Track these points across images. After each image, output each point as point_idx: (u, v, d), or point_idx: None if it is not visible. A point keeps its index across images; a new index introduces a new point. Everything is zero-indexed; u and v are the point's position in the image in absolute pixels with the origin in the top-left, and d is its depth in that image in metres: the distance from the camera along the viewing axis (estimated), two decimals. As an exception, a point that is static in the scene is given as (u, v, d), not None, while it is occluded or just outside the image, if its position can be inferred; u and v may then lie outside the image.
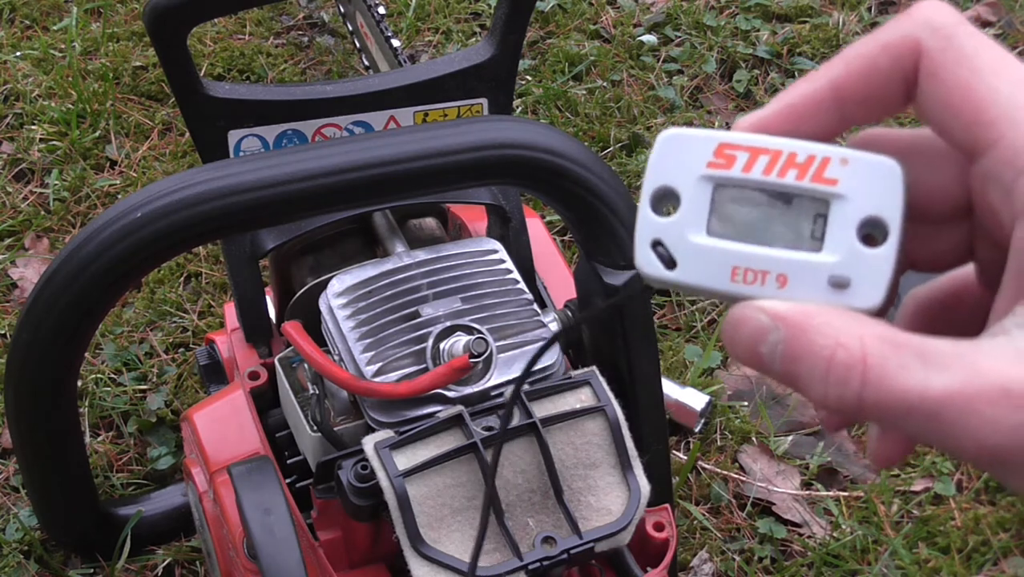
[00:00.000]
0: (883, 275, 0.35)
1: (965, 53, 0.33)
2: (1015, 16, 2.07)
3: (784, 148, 0.36)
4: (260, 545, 0.86)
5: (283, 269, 1.05)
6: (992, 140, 0.32)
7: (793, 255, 0.36)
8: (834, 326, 0.33)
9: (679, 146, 0.37)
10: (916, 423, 0.32)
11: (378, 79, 1.02)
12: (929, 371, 0.31)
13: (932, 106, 0.34)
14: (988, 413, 0.31)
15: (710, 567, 1.31)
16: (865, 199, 0.35)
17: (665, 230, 0.37)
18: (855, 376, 0.32)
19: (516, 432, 0.85)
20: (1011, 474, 0.32)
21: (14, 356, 0.93)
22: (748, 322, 0.34)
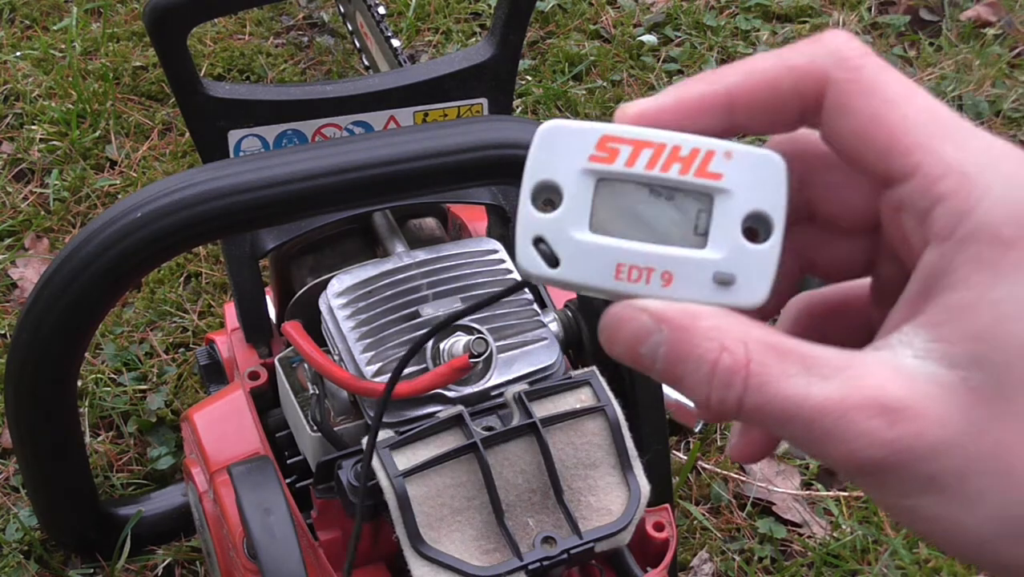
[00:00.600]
0: (768, 271, 0.35)
1: (875, 84, 0.33)
2: (1015, 16, 2.07)
3: (668, 141, 0.35)
4: (260, 545, 0.86)
5: (283, 269, 1.05)
6: (908, 169, 0.33)
7: (678, 252, 0.35)
8: (720, 329, 0.33)
9: (560, 139, 0.35)
10: (794, 430, 0.32)
11: (378, 79, 1.02)
12: (810, 379, 0.32)
13: (843, 136, 0.34)
14: (863, 426, 0.31)
15: (710, 567, 1.31)
16: (749, 194, 0.35)
17: (547, 226, 0.35)
18: (738, 381, 0.32)
19: (516, 432, 0.85)
20: (880, 488, 0.33)
21: (14, 356, 0.93)
22: (629, 323, 0.34)
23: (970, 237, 0.31)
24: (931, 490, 0.32)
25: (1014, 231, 0.31)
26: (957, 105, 1.89)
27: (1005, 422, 0.31)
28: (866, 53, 0.34)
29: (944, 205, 0.32)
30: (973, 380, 0.31)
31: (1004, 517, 0.31)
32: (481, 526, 0.82)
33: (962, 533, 0.32)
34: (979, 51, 1.98)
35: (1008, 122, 1.89)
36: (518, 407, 0.86)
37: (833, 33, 0.35)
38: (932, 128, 0.33)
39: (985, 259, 0.31)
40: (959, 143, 0.32)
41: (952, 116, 0.33)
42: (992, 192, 0.32)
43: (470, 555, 0.81)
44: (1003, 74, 1.95)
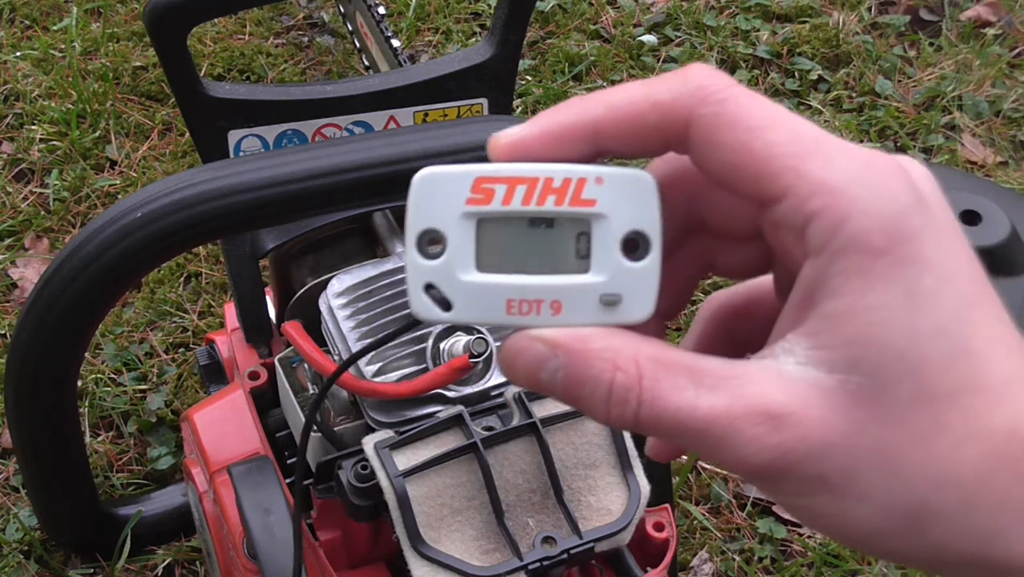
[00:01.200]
0: (651, 286, 0.36)
1: (739, 116, 0.34)
2: (1015, 16, 2.07)
3: (540, 175, 0.36)
4: (260, 545, 0.86)
5: (283, 269, 1.05)
6: (779, 192, 0.34)
7: (563, 280, 0.36)
8: (612, 349, 0.35)
9: (436, 186, 0.36)
10: (688, 440, 0.34)
11: (378, 79, 1.02)
12: (699, 391, 0.33)
13: (716, 169, 0.35)
14: (750, 433, 0.33)
15: (710, 567, 1.31)
16: (624, 215, 0.36)
17: (435, 272, 0.36)
18: (632, 397, 0.34)
19: (516, 432, 0.85)
20: (776, 491, 0.34)
21: (14, 356, 0.93)
22: (526, 352, 0.35)
23: (842, 249, 0.33)
24: (821, 489, 0.33)
25: (882, 239, 0.33)
26: (957, 105, 1.89)
27: (885, 421, 0.33)
28: (729, 85, 0.35)
29: (816, 222, 0.33)
30: (852, 383, 0.33)
31: (890, 511, 0.33)
32: (481, 526, 0.82)
33: (854, 527, 0.34)
34: (979, 51, 1.98)
35: (1008, 122, 1.89)
36: (518, 407, 0.86)
37: (696, 67, 0.36)
38: (797, 149, 0.34)
39: (857, 268, 0.33)
40: (825, 160, 0.34)
41: (818, 134, 0.34)
42: (859, 204, 0.33)
43: (470, 555, 0.81)
44: (1003, 74, 1.95)
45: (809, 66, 1.96)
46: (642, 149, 0.37)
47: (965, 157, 1.82)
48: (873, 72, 1.95)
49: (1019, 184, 1.76)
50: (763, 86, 1.93)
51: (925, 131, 1.85)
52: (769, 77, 1.94)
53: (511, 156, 0.37)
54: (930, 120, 1.85)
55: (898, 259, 0.33)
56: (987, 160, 1.82)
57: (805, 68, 1.95)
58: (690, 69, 0.36)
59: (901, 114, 1.88)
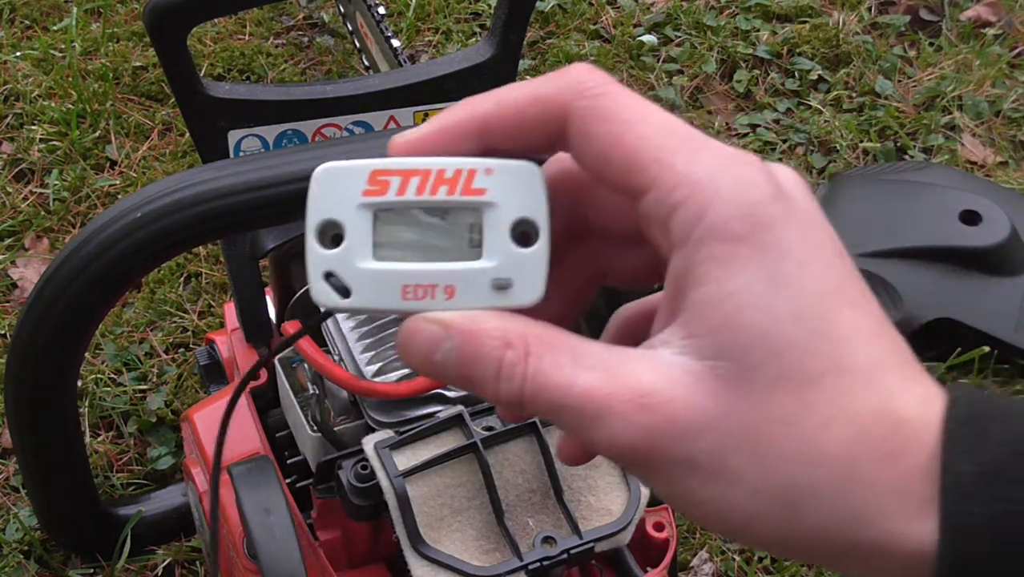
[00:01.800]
0: (540, 271, 0.38)
1: (613, 110, 0.36)
2: (1015, 16, 2.07)
3: (432, 167, 0.38)
4: (260, 545, 0.86)
5: (283, 269, 1.05)
6: (646, 183, 0.35)
7: (456, 266, 0.38)
8: (502, 328, 0.36)
9: (334, 179, 0.38)
10: (566, 417, 0.35)
11: (378, 79, 1.02)
12: (577, 370, 0.35)
13: (588, 159, 0.37)
14: (619, 413, 0.34)
15: (710, 567, 1.31)
16: (513, 203, 0.38)
17: (334, 261, 0.38)
18: (518, 373, 0.35)
19: (516, 432, 0.85)
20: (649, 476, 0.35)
21: (14, 356, 0.93)
22: (420, 334, 0.37)
23: (705, 238, 0.34)
24: (692, 472, 0.34)
25: (743, 226, 0.34)
26: (957, 105, 1.89)
27: (752, 403, 0.33)
28: (605, 82, 0.37)
29: (679, 213, 0.34)
30: (720, 368, 0.34)
31: (761, 493, 0.33)
32: (481, 526, 0.82)
33: (729, 513, 0.34)
34: (979, 51, 1.98)
35: (1008, 122, 1.89)
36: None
37: (576, 66, 0.38)
38: (665, 143, 0.35)
39: (719, 255, 0.34)
40: (691, 154, 0.35)
41: (686, 130, 0.36)
42: (721, 194, 0.34)
43: (470, 555, 0.81)
44: (1003, 74, 1.95)
45: (809, 66, 1.96)
46: (527, 144, 0.38)
47: (965, 157, 1.82)
48: (873, 72, 1.95)
49: (1019, 184, 1.76)
50: (763, 86, 1.93)
51: (925, 131, 1.85)
52: (769, 77, 1.94)
53: (408, 154, 0.38)
54: (930, 120, 1.85)
55: (759, 245, 0.34)
56: (987, 160, 1.82)
57: (805, 68, 1.95)
58: (572, 67, 0.38)
59: (901, 114, 1.88)
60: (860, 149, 1.83)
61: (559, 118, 0.37)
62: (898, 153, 1.82)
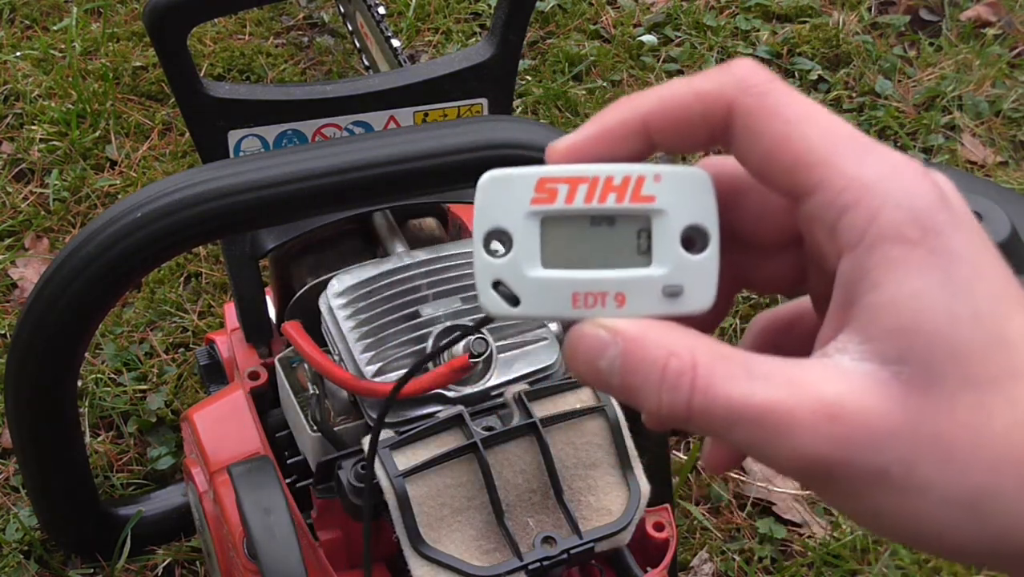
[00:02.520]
0: (710, 277, 0.38)
1: (779, 108, 0.36)
2: (1015, 16, 2.07)
3: (600, 174, 0.37)
4: (260, 545, 0.86)
5: (283, 269, 1.05)
6: (813, 184, 0.35)
7: (626, 273, 0.38)
8: (668, 337, 0.35)
9: (501, 187, 0.38)
10: (741, 432, 0.34)
11: (378, 79, 1.02)
12: (754, 382, 0.34)
13: (753, 158, 0.36)
14: (807, 424, 0.33)
15: (710, 567, 1.31)
16: (682, 209, 0.37)
17: (502, 270, 0.38)
18: (685, 383, 0.34)
19: (516, 432, 0.85)
20: (832, 488, 0.34)
21: (14, 356, 0.93)
22: (588, 338, 0.36)
23: (878, 241, 0.34)
24: (881, 483, 0.33)
25: (915, 230, 0.33)
26: (957, 105, 1.89)
27: (939, 409, 0.33)
28: (771, 79, 0.36)
29: (849, 215, 0.34)
30: (905, 373, 0.33)
31: (949, 501, 0.33)
32: (481, 526, 0.82)
33: (917, 523, 0.33)
34: (979, 51, 1.98)
35: (1008, 122, 1.89)
36: (518, 407, 0.86)
37: (740, 61, 0.37)
38: (832, 145, 0.35)
39: (895, 259, 0.34)
40: (858, 157, 0.35)
41: (852, 133, 0.35)
42: (891, 199, 0.34)
43: (470, 555, 0.81)
44: (1003, 74, 1.95)
45: (809, 66, 1.96)
46: (690, 141, 0.38)
47: (965, 157, 1.82)
48: (873, 72, 1.95)
49: (1019, 184, 1.76)
50: (763, 86, 1.93)
51: (925, 131, 1.85)
52: (769, 77, 1.94)
53: (569, 160, 0.38)
54: (930, 120, 1.85)
55: (932, 250, 0.33)
56: (987, 160, 1.82)
57: (805, 68, 1.95)
58: (735, 63, 0.37)
59: (901, 114, 1.88)
60: (860, 149, 1.82)
61: (722, 115, 0.36)
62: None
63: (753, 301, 1.54)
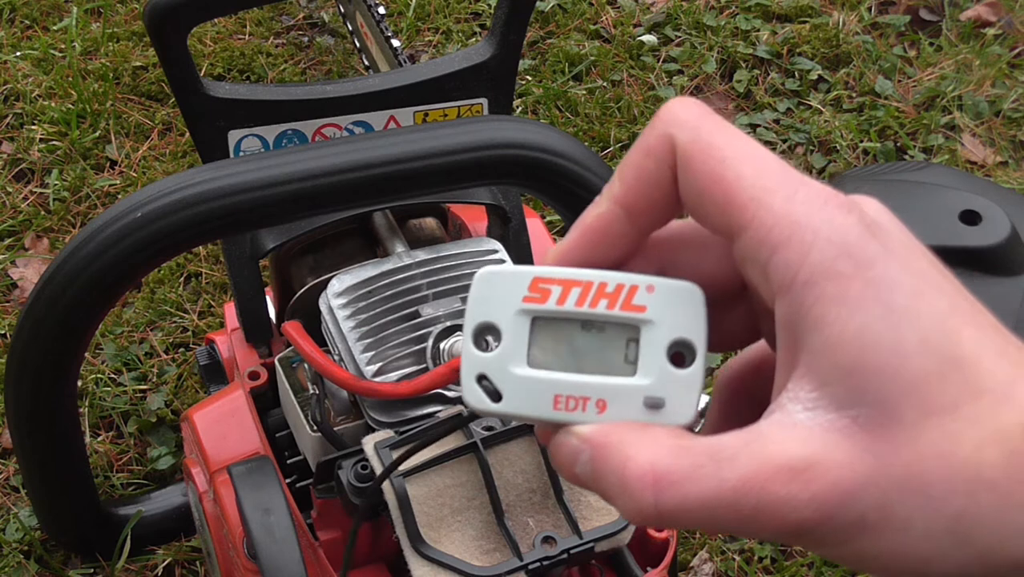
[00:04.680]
0: (693, 392, 0.37)
1: (712, 144, 0.35)
2: (1015, 16, 2.07)
3: (595, 279, 0.38)
4: (260, 545, 0.86)
5: (283, 269, 1.05)
6: (745, 222, 0.35)
7: (609, 380, 0.37)
8: (626, 442, 0.35)
9: (496, 283, 0.38)
10: (723, 518, 0.33)
11: (378, 79, 1.02)
12: (721, 466, 0.33)
13: (689, 196, 0.36)
14: (783, 493, 0.33)
15: (710, 567, 1.31)
16: (672, 323, 0.37)
17: (488, 364, 0.38)
18: (647, 487, 0.34)
19: (516, 432, 0.85)
20: (820, 544, 0.34)
21: (14, 356, 0.93)
22: (563, 446, 0.37)
23: (811, 280, 0.33)
24: (863, 531, 0.33)
25: (849, 265, 0.33)
26: (957, 105, 1.89)
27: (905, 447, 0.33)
28: (704, 114, 0.36)
29: (779, 255, 0.34)
30: (862, 416, 0.33)
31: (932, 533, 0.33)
32: (481, 526, 0.82)
33: (903, 561, 0.33)
34: (979, 51, 1.98)
35: (1008, 122, 1.89)
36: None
37: (670, 103, 0.37)
38: (763, 182, 0.35)
39: (831, 295, 0.33)
40: (788, 194, 0.34)
41: (783, 169, 0.35)
42: (821, 234, 0.34)
43: (470, 555, 0.81)
44: (1003, 74, 1.95)
45: (809, 66, 1.96)
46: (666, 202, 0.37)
47: (965, 157, 1.82)
48: (873, 72, 1.95)
49: (1019, 184, 1.76)
50: (763, 86, 1.93)
51: (925, 131, 1.85)
52: (769, 77, 1.94)
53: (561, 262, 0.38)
54: (930, 120, 1.85)
55: (868, 282, 0.33)
56: (987, 160, 1.82)
57: (805, 68, 1.95)
58: (665, 107, 0.37)
59: (901, 114, 1.88)
60: (860, 149, 1.83)
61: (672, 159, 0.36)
62: (898, 153, 1.82)
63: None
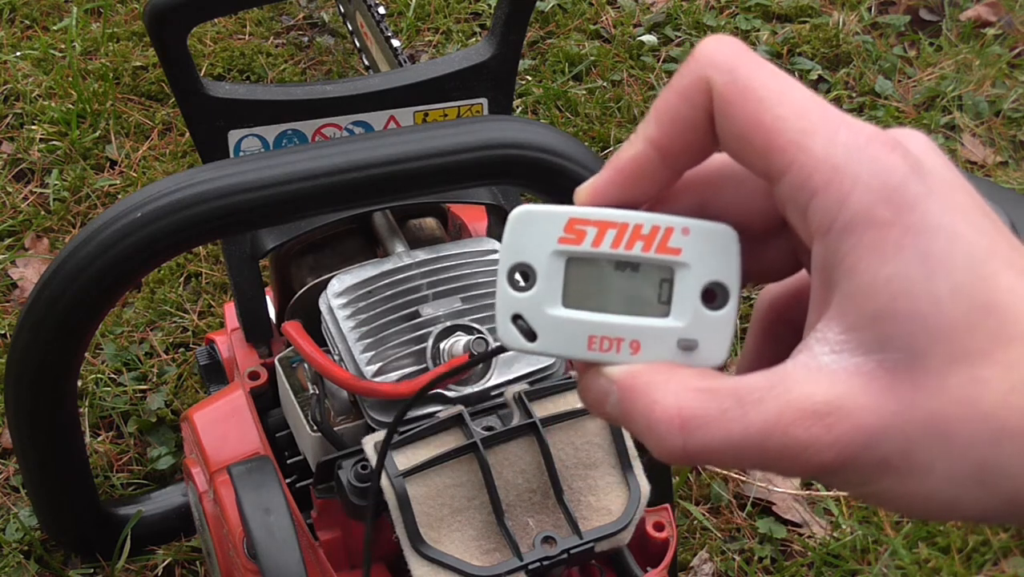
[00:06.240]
0: (726, 335, 0.38)
1: (750, 86, 0.35)
2: (1015, 16, 2.07)
3: (630, 221, 0.38)
4: (260, 545, 0.86)
5: (283, 269, 1.05)
6: (784, 166, 0.34)
7: (644, 322, 0.38)
8: (654, 384, 0.36)
9: (531, 223, 0.38)
10: (749, 459, 0.34)
11: (378, 79, 1.02)
12: (745, 409, 0.34)
13: (728, 139, 0.36)
14: (805, 437, 0.33)
15: (710, 567, 1.31)
16: (706, 265, 0.38)
17: (523, 304, 0.38)
18: (674, 429, 0.34)
19: (516, 432, 0.85)
20: (843, 483, 0.35)
21: (14, 356, 0.93)
22: (592, 386, 0.37)
23: (849, 226, 0.33)
24: (886, 473, 0.34)
25: (888, 211, 0.33)
26: (957, 105, 1.89)
27: (930, 391, 0.33)
28: (740, 52, 0.36)
29: (819, 199, 0.34)
30: (888, 361, 0.33)
31: (955, 478, 0.33)
32: (481, 526, 0.82)
33: (926, 502, 0.34)
34: (979, 51, 1.98)
35: (1008, 122, 1.89)
36: (518, 407, 0.86)
37: (705, 41, 0.36)
38: (803, 124, 0.34)
39: (868, 243, 0.33)
40: (828, 136, 0.34)
41: (823, 109, 0.35)
42: (862, 179, 0.33)
43: (470, 555, 0.81)
44: (1003, 74, 1.95)
45: (809, 66, 1.95)
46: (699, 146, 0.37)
47: (965, 157, 1.82)
48: (873, 72, 1.95)
49: (1019, 184, 1.76)
50: (763, 86, 1.93)
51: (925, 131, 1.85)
52: (769, 77, 1.94)
53: (594, 203, 0.38)
54: (930, 120, 1.85)
55: (907, 228, 0.33)
56: (987, 160, 1.82)
57: (805, 68, 1.95)
58: (699, 46, 0.36)
59: (901, 114, 1.88)
60: (860, 149, 1.82)
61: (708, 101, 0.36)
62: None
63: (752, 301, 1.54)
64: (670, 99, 0.37)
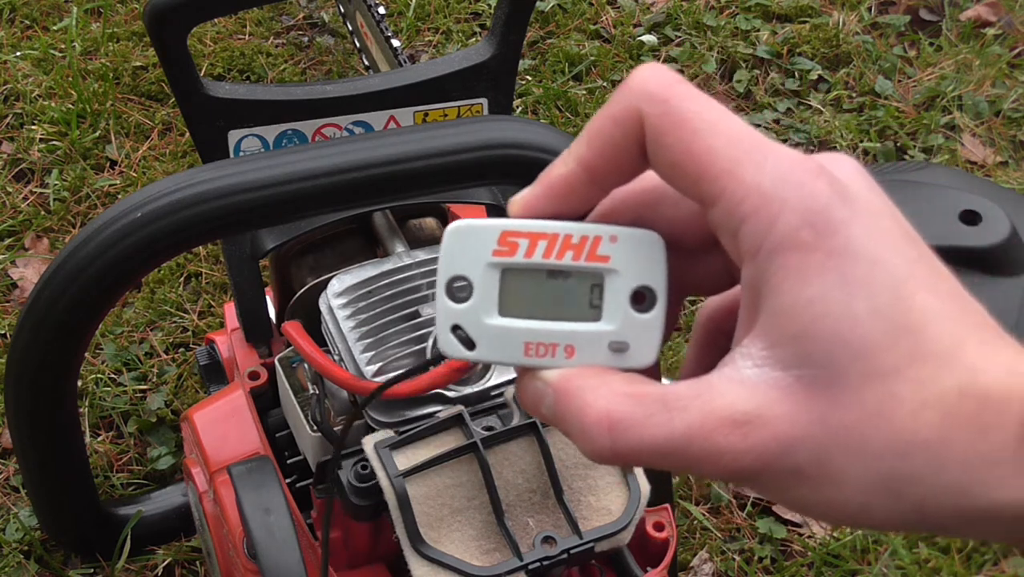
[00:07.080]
0: (655, 336, 0.40)
1: (683, 116, 0.36)
2: (1015, 16, 2.07)
3: (560, 231, 0.39)
4: (260, 545, 0.86)
5: (283, 269, 1.05)
6: (716, 193, 0.36)
7: (576, 327, 0.40)
8: (586, 388, 0.38)
9: (466, 237, 0.40)
10: (672, 461, 0.36)
11: (378, 79, 1.02)
12: (671, 414, 0.36)
13: (661, 166, 0.38)
14: (723, 443, 0.35)
15: (710, 567, 1.31)
16: (634, 270, 0.39)
17: (462, 315, 0.40)
18: (603, 431, 0.36)
19: (516, 432, 0.85)
20: (763, 489, 0.37)
21: (14, 356, 0.93)
22: (529, 389, 0.39)
23: (775, 249, 0.35)
24: (801, 481, 0.35)
25: (811, 236, 0.35)
26: (957, 105, 1.89)
27: (843, 405, 0.35)
28: (673, 83, 0.37)
29: (748, 224, 0.35)
30: (806, 376, 0.35)
31: (866, 488, 0.35)
32: (481, 526, 0.82)
33: (840, 509, 0.36)
34: (979, 51, 1.98)
35: (1008, 122, 1.89)
36: (518, 407, 0.86)
37: (639, 70, 0.38)
38: (734, 153, 0.36)
39: (792, 266, 0.35)
40: (758, 164, 0.36)
41: (754, 138, 0.36)
42: (788, 204, 0.35)
43: (470, 555, 0.81)
44: (1003, 74, 1.95)
45: (809, 66, 1.96)
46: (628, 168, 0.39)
47: (965, 157, 1.82)
48: (873, 72, 1.95)
49: (1019, 184, 1.76)
50: (763, 86, 1.93)
51: (925, 131, 1.85)
52: (769, 77, 1.94)
53: (525, 214, 0.40)
54: (930, 120, 1.85)
55: (829, 252, 0.35)
56: (987, 160, 1.82)
57: (805, 68, 1.95)
58: (634, 73, 0.38)
59: (901, 114, 1.88)
60: (860, 149, 1.83)
61: (638, 129, 0.37)
62: (898, 153, 1.82)
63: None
64: (603, 124, 0.38)
